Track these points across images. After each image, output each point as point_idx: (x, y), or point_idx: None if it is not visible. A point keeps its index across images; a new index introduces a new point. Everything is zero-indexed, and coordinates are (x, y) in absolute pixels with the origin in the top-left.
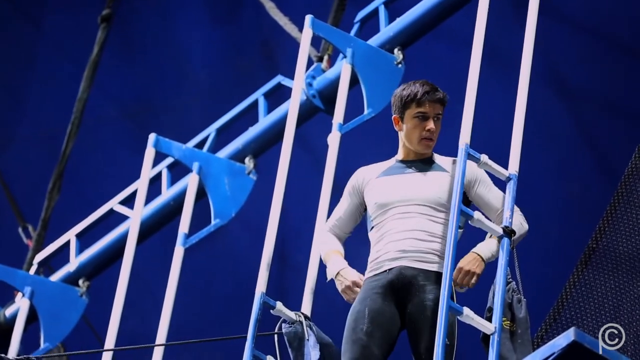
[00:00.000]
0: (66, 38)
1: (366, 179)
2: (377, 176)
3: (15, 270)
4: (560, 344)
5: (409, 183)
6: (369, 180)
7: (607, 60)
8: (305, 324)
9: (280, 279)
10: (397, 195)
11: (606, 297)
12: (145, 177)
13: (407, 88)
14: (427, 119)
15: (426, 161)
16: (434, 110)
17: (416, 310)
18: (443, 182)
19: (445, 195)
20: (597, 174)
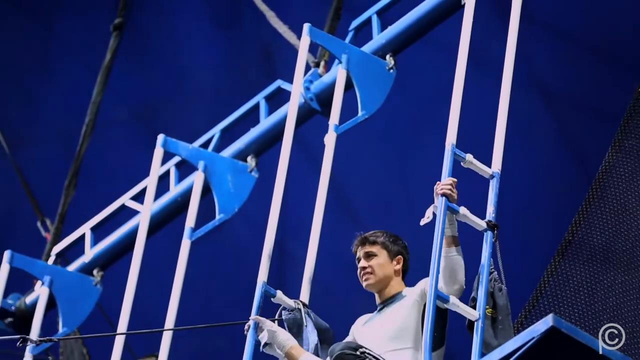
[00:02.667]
0: (80, 45)
1: (356, 326)
2: (362, 325)
3: (35, 261)
4: (539, 330)
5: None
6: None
7: (584, 65)
8: (304, 311)
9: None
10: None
11: (581, 285)
12: (155, 175)
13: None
14: (359, 260)
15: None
16: (361, 250)
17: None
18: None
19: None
20: (574, 172)
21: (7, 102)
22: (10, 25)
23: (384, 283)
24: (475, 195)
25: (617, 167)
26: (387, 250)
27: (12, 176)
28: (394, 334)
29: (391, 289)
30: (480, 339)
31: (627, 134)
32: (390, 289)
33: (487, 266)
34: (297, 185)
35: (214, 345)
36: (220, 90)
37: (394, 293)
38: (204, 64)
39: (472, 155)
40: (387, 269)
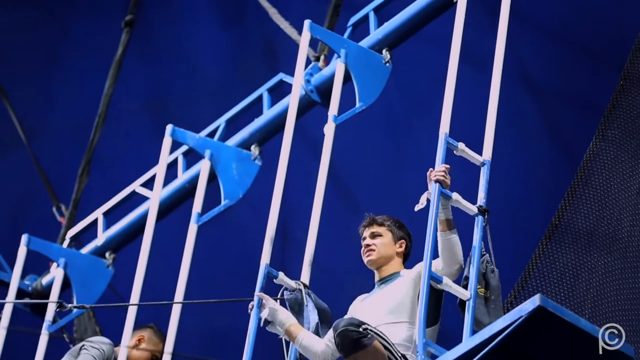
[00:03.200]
0: (93, 41)
1: (354, 305)
2: (361, 302)
3: (50, 244)
4: (527, 309)
5: (370, 305)
6: (355, 308)
7: (569, 60)
8: (305, 292)
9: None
10: (365, 318)
11: (567, 267)
12: (163, 163)
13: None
14: (364, 239)
15: (389, 278)
16: (367, 230)
17: None
18: (396, 291)
19: (397, 302)
20: (560, 160)
21: (24, 94)
22: (27, 24)
23: (384, 261)
24: (466, 181)
25: (601, 155)
26: (392, 233)
27: (29, 164)
28: (390, 309)
29: (390, 268)
30: (471, 317)
31: (610, 124)
32: (389, 268)
33: (479, 249)
34: (298, 172)
35: (218, 324)
36: (225, 83)
37: (392, 272)
38: (210, 59)
39: (464, 144)
40: (389, 249)
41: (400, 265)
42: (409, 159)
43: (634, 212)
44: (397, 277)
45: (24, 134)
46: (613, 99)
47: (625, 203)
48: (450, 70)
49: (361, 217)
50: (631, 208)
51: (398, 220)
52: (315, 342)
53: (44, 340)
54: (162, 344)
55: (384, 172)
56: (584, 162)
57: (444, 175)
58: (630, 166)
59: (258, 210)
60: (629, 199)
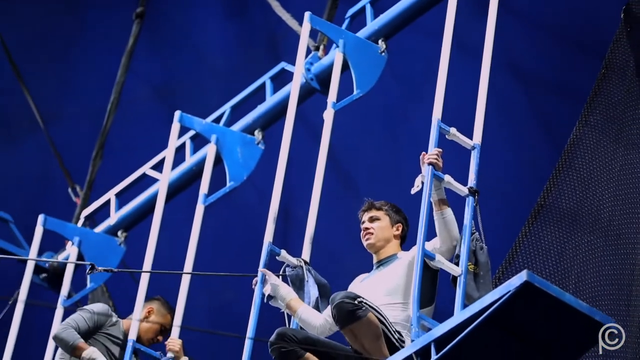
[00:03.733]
0: (106, 32)
1: (355, 284)
2: (360, 282)
3: (66, 223)
4: (515, 284)
5: (368, 286)
6: (355, 286)
7: (555, 50)
8: (305, 268)
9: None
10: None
11: (552, 245)
12: (172, 147)
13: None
14: (363, 223)
15: (387, 261)
16: (366, 215)
17: None
18: (393, 273)
19: (394, 284)
20: (545, 144)
21: (42, 82)
22: (45, 15)
23: (382, 244)
24: (458, 164)
25: (583, 139)
26: (390, 217)
27: (46, 148)
28: (387, 291)
29: (388, 250)
30: (462, 292)
31: (592, 111)
32: (387, 250)
33: (469, 227)
34: (299, 155)
35: (223, 300)
36: (230, 72)
37: (390, 254)
38: (216, 48)
39: (455, 128)
40: (387, 232)
41: (397, 247)
42: (403, 143)
43: (614, 193)
44: (395, 259)
45: (42, 120)
46: (595, 87)
47: (607, 185)
48: (442, 60)
49: (359, 198)
50: (612, 189)
51: (395, 205)
52: (315, 316)
53: (59, 314)
54: (170, 315)
55: (380, 155)
56: (567, 146)
57: (436, 158)
58: (611, 150)
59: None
60: (610, 180)
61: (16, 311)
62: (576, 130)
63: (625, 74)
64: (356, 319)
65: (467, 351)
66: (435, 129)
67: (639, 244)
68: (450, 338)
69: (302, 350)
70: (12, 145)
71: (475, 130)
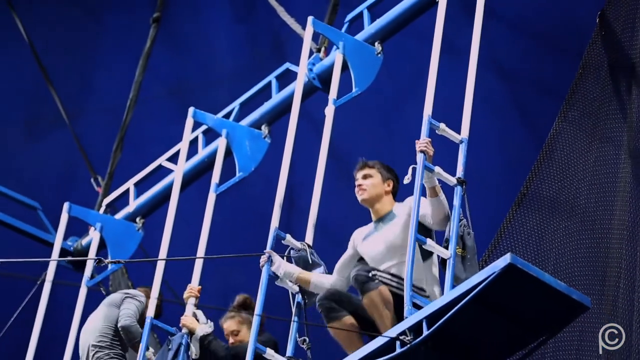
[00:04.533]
0: (125, 34)
1: (356, 241)
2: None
3: (88, 211)
4: (499, 265)
5: (370, 248)
6: (357, 244)
7: (536, 51)
8: (309, 251)
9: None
10: (368, 259)
11: (533, 229)
12: (186, 140)
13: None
14: (357, 180)
15: (385, 218)
16: (360, 173)
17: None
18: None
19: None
20: (527, 138)
21: (67, 81)
22: (69, 20)
23: (376, 199)
24: (447, 157)
25: (562, 133)
26: (381, 174)
27: (70, 142)
28: (385, 253)
29: (383, 206)
30: (451, 274)
31: (571, 107)
32: (383, 206)
33: (457, 214)
34: (303, 148)
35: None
36: (239, 71)
37: (387, 210)
38: (226, 50)
39: (444, 124)
40: (379, 188)
41: (391, 202)
42: (397, 137)
43: (590, 182)
44: (392, 217)
45: (66, 115)
46: (573, 85)
47: (583, 175)
48: (433, 60)
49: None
50: (588, 179)
51: (386, 164)
52: (326, 277)
53: (83, 294)
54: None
55: (376, 147)
56: (548, 139)
57: (426, 145)
58: (587, 143)
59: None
60: (586, 171)
61: (44, 291)
62: (556, 125)
63: (600, 73)
64: (369, 289)
65: (456, 327)
66: (426, 125)
67: (612, 229)
68: (440, 315)
69: (344, 311)
70: (39, 139)
71: (463, 126)
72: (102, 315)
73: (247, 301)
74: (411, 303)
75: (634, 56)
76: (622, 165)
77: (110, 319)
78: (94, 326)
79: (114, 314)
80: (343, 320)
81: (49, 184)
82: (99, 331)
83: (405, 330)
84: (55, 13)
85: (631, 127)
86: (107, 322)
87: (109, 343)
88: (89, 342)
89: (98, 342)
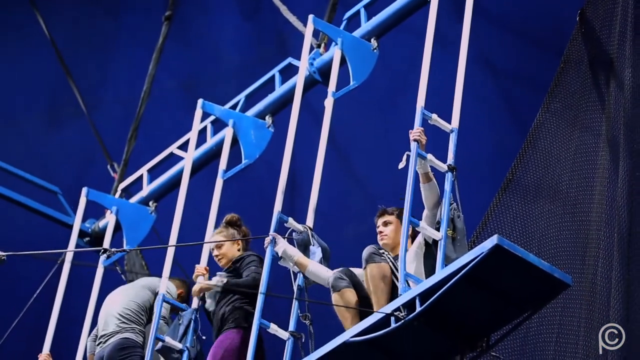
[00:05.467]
0: (140, 31)
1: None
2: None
3: (105, 195)
4: (487, 246)
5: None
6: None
7: (521, 46)
8: (310, 233)
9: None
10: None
11: (518, 213)
12: (195, 130)
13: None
14: (378, 227)
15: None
16: (381, 220)
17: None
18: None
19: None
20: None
21: (85, 75)
22: (89, 18)
23: (395, 243)
24: (438, 145)
25: (546, 123)
26: (400, 219)
27: (88, 131)
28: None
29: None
30: (442, 254)
31: (553, 99)
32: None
33: (448, 199)
34: (304, 137)
35: None
36: (244, 65)
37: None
38: (233, 46)
39: (436, 114)
40: (398, 233)
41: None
42: (392, 127)
43: (571, 169)
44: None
45: (85, 106)
46: (555, 78)
47: (565, 162)
48: (425, 55)
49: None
50: (569, 166)
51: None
52: (323, 269)
53: (100, 273)
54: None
55: (373, 136)
56: (532, 129)
57: (419, 134)
58: (568, 132)
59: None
60: (568, 158)
61: (64, 269)
62: (539, 116)
63: (580, 68)
64: (372, 261)
65: (447, 304)
66: (419, 115)
67: (591, 212)
68: (432, 293)
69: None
70: (60, 128)
71: (454, 116)
72: (133, 293)
73: (234, 219)
74: (405, 281)
75: (611, 52)
76: (600, 152)
77: (142, 298)
78: (122, 299)
79: (147, 296)
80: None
81: (68, 170)
82: (126, 305)
83: (400, 307)
84: (76, 12)
85: (609, 118)
86: (137, 300)
87: (135, 318)
88: (115, 311)
89: (125, 313)
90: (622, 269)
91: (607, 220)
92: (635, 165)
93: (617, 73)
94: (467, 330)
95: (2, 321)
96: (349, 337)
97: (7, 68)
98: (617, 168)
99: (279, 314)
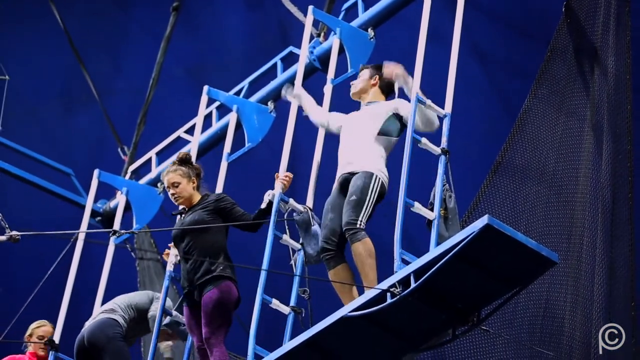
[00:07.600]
0: (149, 22)
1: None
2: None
3: (116, 177)
4: (478, 225)
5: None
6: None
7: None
8: (310, 214)
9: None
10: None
11: (507, 194)
12: (201, 115)
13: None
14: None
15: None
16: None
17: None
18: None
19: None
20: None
21: (97, 63)
22: (100, 9)
23: (362, 92)
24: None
25: (533, 109)
26: (370, 71)
27: (100, 116)
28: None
29: (370, 96)
30: (436, 233)
31: (540, 85)
32: (369, 96)
33: (441, 180)
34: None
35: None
36: (248, 54)
37: (373, 99)
38: (237, 35)
39: (430, 100)
40: (366, 83)
41: (379, 95)
42: None
43: (557, 152)
44: (375, 102)
45: (97, 93)
46: (542, 66)
47: (551, 145)
48: (420, 44)
49: None
50: (555, 149)
51: (375, 65)
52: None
53: (111, 250)
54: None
55: None
56: (520, 114)
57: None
58: (554, 117)
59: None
60: (554, 142)
61: (76, 248)
62: (527, 102)
63: (566, 56)
64: (356, 240)
65: (441, 281)
66: (414, 101)
67: (576, 193)
68: (426, 270)
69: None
70: (73, 114)
71: (447, 102)
72: (134, 294)
73: (186, 157)
74: (400, 259)
75: (595, 41)
76: (585, 137)
77: (136, 301)
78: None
79: (143, 301)
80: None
81: (81, 153)
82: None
83: (395, 283)
84: (89, 5)
85: (593, 104)
86: (130, 301)
87: (120, 314)
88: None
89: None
90: (605, 247)
91: (591, 200)
92: (618, 149)
93: (601, 61)
94: (459, 305)
95: (22, 292)
96: (347, 312)
97: (25, 57)
98: (600, 151)
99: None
